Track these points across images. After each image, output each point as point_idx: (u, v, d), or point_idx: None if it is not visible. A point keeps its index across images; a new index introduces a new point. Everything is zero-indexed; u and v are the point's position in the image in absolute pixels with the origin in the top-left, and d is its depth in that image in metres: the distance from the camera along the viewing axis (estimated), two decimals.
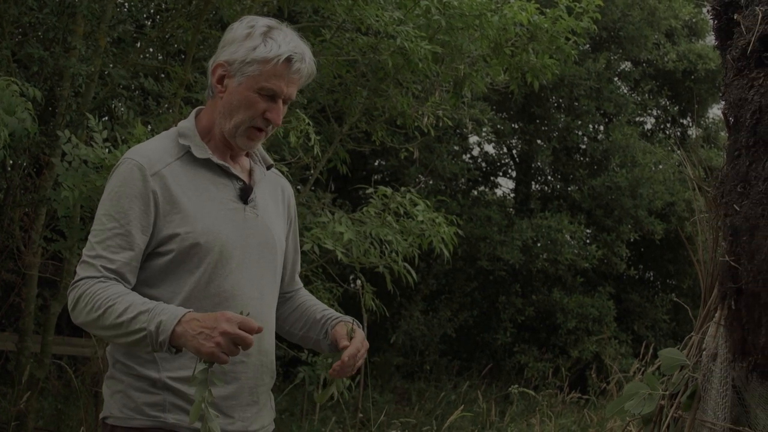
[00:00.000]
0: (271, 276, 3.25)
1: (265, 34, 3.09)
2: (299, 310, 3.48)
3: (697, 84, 18.73)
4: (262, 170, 3.33)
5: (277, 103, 3.11)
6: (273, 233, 3.25)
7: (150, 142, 3.20)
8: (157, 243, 3.02)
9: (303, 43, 3.17)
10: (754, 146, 3.68)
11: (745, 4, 3.95)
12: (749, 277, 3.60)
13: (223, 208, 3.11)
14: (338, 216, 8.66)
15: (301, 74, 3.12)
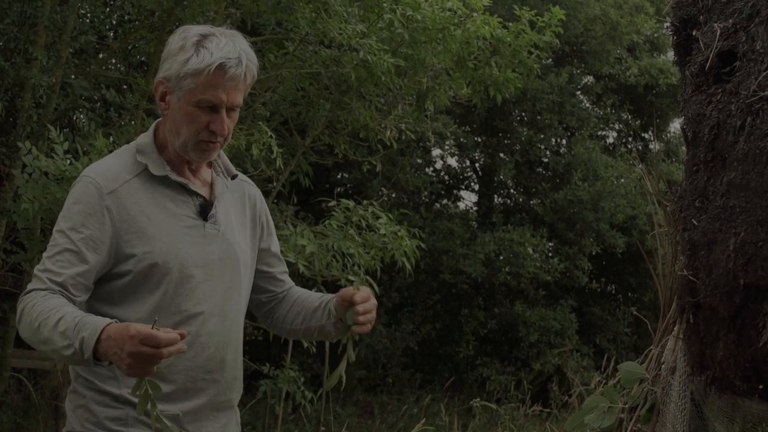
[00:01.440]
0: (236, 292, 3.19)
1: (197, 43, 2.99)
2: (296, 305, 3.43)
3: (659, 98, 18.86)
4: (224, 182, 3.26)
5: (219, 113, 3.02)
6: (236, 247, 3.19)
7: (108, 159, 3.15)
8: (116, 263, 2.97)
9: (241, 45, 3.04)
10: (712, 161, 3.71)
11: (704, 21, 3.99)
12: (707, 291, 3.63)
13: (182, 225, 3.06)
14: (300, 229, 8.64)
15: (237, 80, 3.01)
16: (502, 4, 14.63)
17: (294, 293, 3.49)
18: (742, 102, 3.60)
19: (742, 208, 3.51)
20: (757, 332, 3.50)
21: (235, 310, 3.20)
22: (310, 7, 9.01)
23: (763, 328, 3.47)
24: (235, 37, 3.07)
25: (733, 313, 3.56)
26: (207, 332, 3.05)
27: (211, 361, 3.08)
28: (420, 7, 9.12)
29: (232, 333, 3.18)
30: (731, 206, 3.56)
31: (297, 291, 3.51)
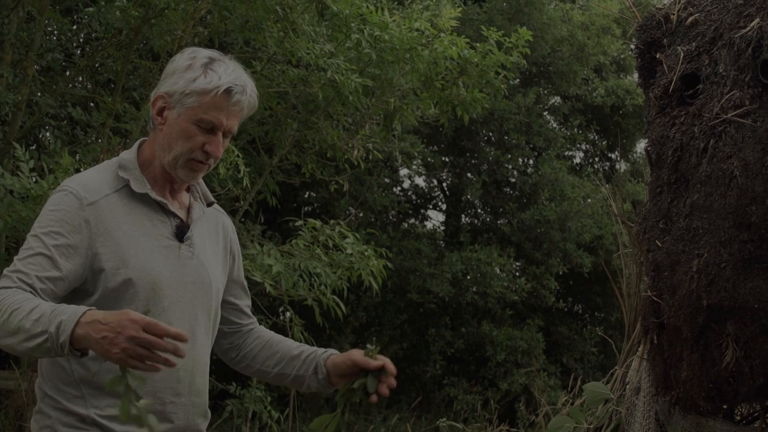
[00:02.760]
0: (205, 315, 3.19)
1: (206, 65, 3.05)
2: (268, 347, 3.42)
3: (625, 119, 18.99)
4: (201, 207, 3.28)
5: (216, 135, 3.06)
6: (209, 272, 3.20)
7: (90, 172, 3.15)
8: (89, 276, 2.96)
9: (245, 76, 3.11)
10: (675, 183, 3.74)
11: (668, 44, 4.03)
12: (671, 312, 3.65)
13: (157, 244, 3.06)
14: (267, 248, 8.63)
15: (241, 106, 3.07)
16: (469, 24, 14.71)
17: (264, 333, 3.49)
18: (705, 124, 3.63)
19: (705, 229, 3.54)
20: (720, 352, 3.53)
21: (204, 334, 3.20)
22: (278, 27, 9.02)
23: (726, 349, 3.49)
24: (239, 67, 3.14)
25: (696, 333, 3.58)
26: None
27: (179, 384, 3.07)
28: (388, 27, 9.15)
29: (201, 357, 3.17)
30: (694, 228, 3.59)
31: (267, 332, 3.51)
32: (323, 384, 3.29)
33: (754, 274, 3.40)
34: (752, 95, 3.53)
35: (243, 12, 8.91)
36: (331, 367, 3.26)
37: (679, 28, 4.04)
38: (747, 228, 3.41)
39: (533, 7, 16.95)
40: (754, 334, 3.42)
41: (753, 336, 3.42)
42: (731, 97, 3.57)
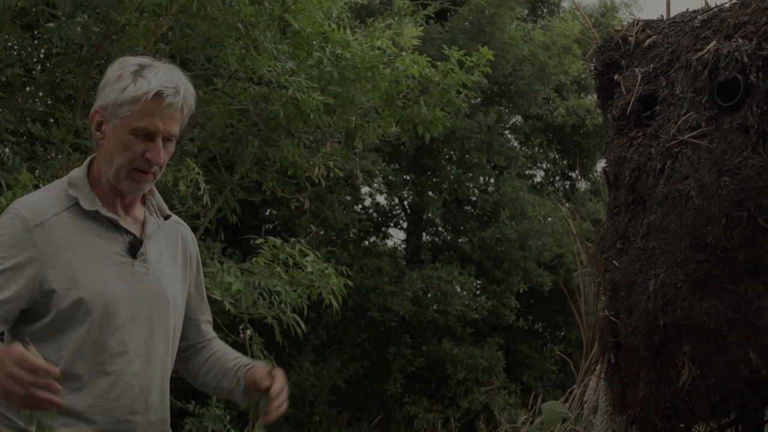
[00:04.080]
0: (163, 332, 3.14)
1: (135, 73, 2.99)
2: (211, 360, 3.38)
3: (586, 138, 19.13)
4: (157, 221, 3.22)
5: (155, 142, 3.00)
6: (165, 288, 3.14)
7: (39, 192, 3.11)
8: (39, 297, 2.91)
9: (179, 78, 3.05)
10: (632, 203, 3.77)
11: (626, 65, 4.07)
12: (628, 331, 3.67)
13: (109, 262, 3.01)
14: (227, 266, 8.60)
15: (174, 108, 3.01)
16: (431, 43, 14.77)
17: (212, 347, 3.45)
18: (662, 145, 3.67)
19: (661, 249, 3.57)
20: (676, 372, 3.55)
21: (162, 350, 3.15)
22: (239, 44, 9.02)
23: (682, 368, 3.52)
24: (173, 69, 3.08)
25: (653, 353, 3.60)
26: (131, 372, 3.00)
27: (135, 402, 3.02)
28: (349, 45, 9.17)
29: (158, 374, 3.12)
30: (651, 248, 3.62)
31: (216, 345, 3.47)
32: (244, 397, 3.24)
33: (710, 294, 3.43)
34: (708, 117, 3.57)
35: (205, 29, 8.90)
36: (249, 380, 3.21)
37: (637, 50, 4.08)
38: (703, 248, 3.44)
39: (495, 26, 17.04)
40: (710, 353, 3.44)
41: (709, 355, 3.45)
42: (688, 118, 3.61)
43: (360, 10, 13.22)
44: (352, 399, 17.72)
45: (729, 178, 3.40)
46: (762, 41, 3.53)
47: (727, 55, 3.56)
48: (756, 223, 3.35)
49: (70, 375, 2.89)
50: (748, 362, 3.36)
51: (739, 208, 3.37)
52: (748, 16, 3.65)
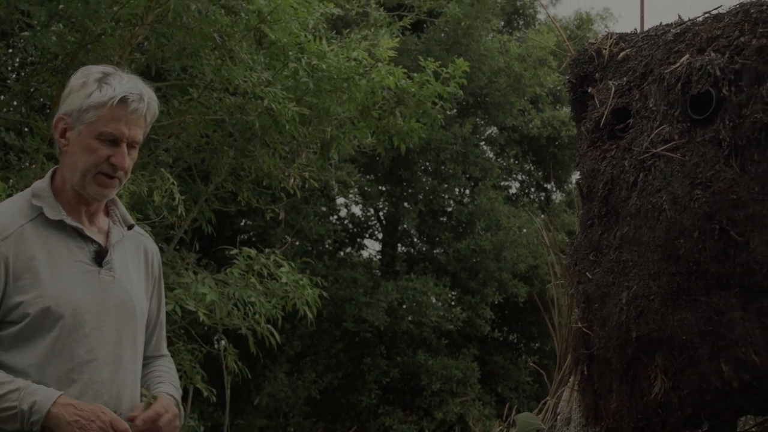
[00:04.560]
0: (131, 340, 3.14)
1: (100, 80, 3.02)
2: (145, 378, 3.35)
3: (561, 150, 19.17)
4: (121, 231, 3.22)
5: (120, 147, 3.02)
6: (132, 296, 3.14)
7: (3, 205, 3.10)
8: (8, 309, 2.91)
9: (142, 85, 3.09)
10: (605, 216, 3.78)
11: (600, 78, 4.09)
12: (601, 343, 3.69)
13: (76, 271, 3.01)
14: (202, 277, 8.58)
15: (139, 114, 3.04)
16: (407, 54, 14.77)
17: (155, 366, 3.42)
18: (635, 158, 3.69)
19: (634, 262, 3.59)
20: (649, 384, 3.57)
21: (131, 359, 3.14)
22: (215, 54, 9.00)
23: (654, 380, 3.53)
24: (136, 78, 3.10)
25: (625, 365, 3.62)
26: (100, 380, 3.00)
27: None
28: (325, 56, 9.17)
29: (127, 382, 3.12)
30: (624, 260, 3.64)
31: (159, 365, 3.43)
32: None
33: (682, 306, 3.45)
34: (681, 130, 3.60)
35: (180, 39, 8.88)
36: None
37: (611, 63, 4.10)
38: (675, 261, 3.46)
39: (471, 38, 17.07)
40: (683, 365, 3.46)
41: (681, 367, 3.46)
42: (661, 131, 3.63)
43: (336, 21, 13.23)
44: (327, 410, 17.67)
45: (701, 191, 3.42)
46: (734, 55, 3.56)
47: (700, 68, 3.59)
48: (728, 235, 3.37)
49: (40, 384, 2.88)
50: (720, 374, 3.38)
51: (712, 220, 3.39)
52: (721, 30, 3.68)
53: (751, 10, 3.67)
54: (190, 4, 8.37)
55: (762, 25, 3.59)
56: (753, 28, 3.60)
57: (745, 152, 3.45)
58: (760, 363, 3.35)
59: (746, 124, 3.48)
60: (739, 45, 3.59)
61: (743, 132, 3.47)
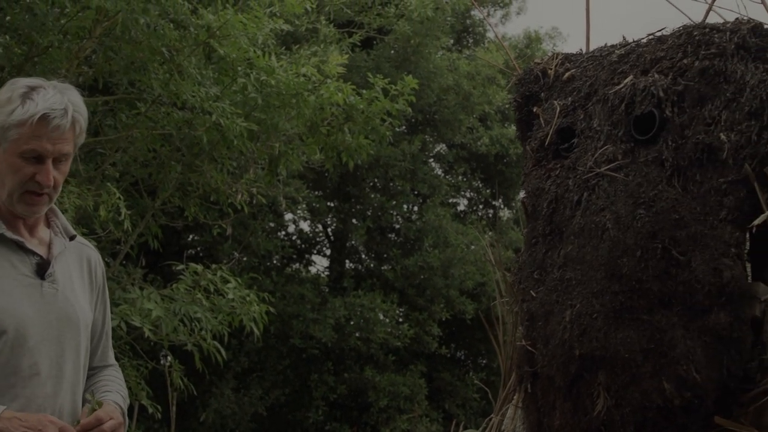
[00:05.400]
0: (74, 352, 3.09)
1: (24, 95, 2.95)
2: (90, 389, 3.27)
3: (509, 167, 19.29)
4: (63, 242, 3.17)
5: (45, 164, 2.96)
6: (75, 308, 3.10)
7: None
8: None
9: (68, 98, 2.99)
10: (550, 234, 3.81)
11: (545, 98, 4.12)
12: (544, 361, 3.71)
13: (18, 284, 2.97)
14: (147, 292, 8.51)
15: (62, 130, 2.96)
16: (356, 71, 14.80)
17: (101, 375, 3.37)
18: (579, 177, 3.72)
19: (578, 280, 3.62)
20: (591, 401, 3.59)
21: (73, 371, 3.10)
22: (163, 69, 8.95)
23: (597, 398, 3.56)
24: (65, 89, 3.02)
25: (568, 382, 3.64)
26: (43, 395, 2.96)
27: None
28: (274, 72, 9.16)
29: (69, 395, 3.08)
30: (568, 278, 3.67)
31: (105, 375, 3.39)
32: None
33: (624, 324, 3.48)
34: (625, 150, 3.64)
35: (128, 53, 8.82)
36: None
37: (557, 83, 4.14)
38: (618, 279, 3.49)
39: (420, 55, 17.13)
40: (625, 383, 3.49)
41: (623, 385, 3.49)
42: (605, 151, 3.67)
43: (286, 37, 13.22)
44: (274, 427, 17.60)
45: (644, 211, 3.47)
46: (677, 76, 3.61)
47: (644, 89, 3.64)
48: (670, 254, 3.41)
49: None
50: (662, 392, 3.42)
51: (654, 240, 3.44)
52: (664, 51, 3.74)
53: (694, 32, 3.73)
54: (138, 18, 8.31)
55: (705, 47, 3.65)
56: (696, 50, 3.66)
57: (688, 172, 3.51)
58: (701, 381, 3.39)
59: (688, 144, 3.53)
60: (682, 67, 3.65)
61: (686, 153, 3.52)
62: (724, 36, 3.65)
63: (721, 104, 3.55)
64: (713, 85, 3.59)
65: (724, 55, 3.61)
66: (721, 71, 3.59)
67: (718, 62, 3.60)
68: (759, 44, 3.62)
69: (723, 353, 3.42)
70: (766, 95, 3.43)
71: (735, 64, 3.59)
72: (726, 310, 3.42)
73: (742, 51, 3.62)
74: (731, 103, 3.54)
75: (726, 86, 3.57)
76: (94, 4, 7.95)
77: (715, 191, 3.48)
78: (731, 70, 3.58)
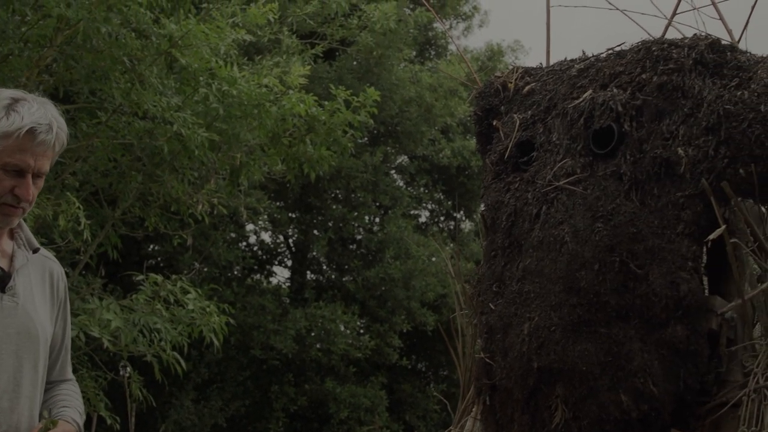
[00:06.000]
0: (32, 367, 3.05)
1: (8, 107, 2.91)
2: (47, 404, 3.24)
3: (470, 179, 19.32)
4: (25, 254, 3.14)
5: (25, 178, 2.94)
6: (35, 322, 3.06)
7: None
8: None
9: (52, 114, 2.97)
10: (509, 247, 3.83)
11: (505, 111, 4.14)
12: (503, 373, 3.72)
13: None
14: (107, 303, 8.46)
15: (47, 146, 2.94)
16: (318, 82, 14.80)
17: (58, 390, 3.33)
18: (538, 191, 3.75)
19: (536, 293, 3.64)
20: (549, 414, 3.61)
21: (30, 386, 3.06)
22: (125, 78, 8.92)
23: (555, 410, 3.58)
24: (46, 104, 2.99)
25: (527, 395, 3.66)
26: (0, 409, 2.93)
27: None
28: (236, 82, 9.15)
29: (26, 410, 3.04)
30: (526, 291, 3.68)
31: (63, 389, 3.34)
32: None
33: (582, 337, 3.50)
34: (583, 164, 3.67)
35: (90, 62, 8.78)
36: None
37: (516, 97, 4.16)
38: (576, 293, 3.51)
39: (382, 67, 17.16)
40: (583, 395, 3.51)
41: (581, 397, 3.51)
42: (563, 165, 3.69)
43: (248, 48, 13.20)
44: None
45: (602, 224, 3.49)
46: (636, 91, 3.64)
47: (603, 103, 3.67)
48: (628, 268, 3.44)
49: None
50: (619, 404, 3.44)
51: (612, 253, 3.46)
52: (623, 66, 3.77)
53: (653, 48, 3.77)
54: (100, 27, 8.28)
55: (663, 62, 3.68)
56: (654, 65, 3.70)
57: (645, 186, 3.54)
58: (658, 393, 3.41)
59: (646, 159, 3.56)
60: (640, 81, 3.68)
61: (643, 167, 3.55)
62: (682, 52, 3.69)
63: (679, 119, 3.59)
64: (671, 100, 3.62)
65: (682, 71, 3.64)
66: (679, 86, 3.62)
67: (676, 77, 3.64)
68: (716, 60, 3.66)
69: (680, 366, 3.45)
70: (723, 110, 3.47)
71: (693, 80, 3.62)
72: (683, 323, 3.45)
73: (700, 66, 3.65)
74: (689, 118, 3.57)
75: (684, 101, 3.60)
76: (55, 12, 7.91)
77: (673, 205, 3.51)
78: (689, 85, 3.61)
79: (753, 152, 3.39)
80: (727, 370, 3.65)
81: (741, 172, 3.42)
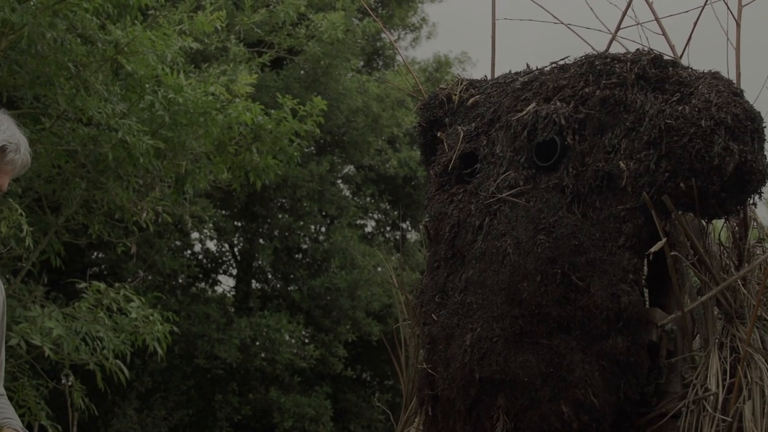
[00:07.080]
0: None
1: None
2: None
3: (417, 190, 19.37)
4: None
5: None
6: None
7: None
8: None
9: (20, 133, 2.97)
10: (452, 258, 3.85)
11: (449, 123, 4.17)
12: (445, 384, 3.74)
13: None
14: (49, 310, 8.38)
15: (14, 165, 2.93)
16: (265, 91, 14.78)
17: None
18: (482, 202, 3.77)
19: (478, 304, 3.66)
20: (491, 425, 3.63)
21: None
22: (69, 84, 8.85)
23: (497, 421, 3.60)
24: (11, 121, 2.98)
25: (468, 405, 3.67)
26: None
27: None
28: (182, 90, 9.12)
29: None
30: (469, 302, 3.70)
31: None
32: None
33: (524, 348, 3.53)
34: (526, 176, 3.70)
35: (34, 67, 8.71)
36: None
37: (461, 109, 4.19)
38: (518, 304, 3.54)
39: (330, 77, 17.15)
40: (524, 406, 3.53)
41: (523, 408, 3.54)
42: (507, 177, 3.72)
43: (195, 55, 13.15)
44: None
45: (544, 236, 3.52)
46: (579, 105, 3.68)
47: (546, 117, 3.70)
48: (569, 280, 3.47)
49: None
50: (560, 415, 3.46)
51: (554, 265, 3.49)
52: (567, 80, 3.81)
53: (596, 62, 3.81)
54: (45, 32, 8.23)
55: (606, 76, 3.72)
56: (597, 79, 3.74)
57: (587, 199, 3.57)
58: (598, 404, 3.44)
59: (589, 172, 3.59)
60: (583, 95, 3.72)
61: (586, 180, 3.58)
62: (625, 66, 3.72)
63: (621, 133, 3.63)
64: (613, 114, 3.66)
65: (625, 85, 3.68)
66: (621, 100, 3.66)
67: (619, 92, 3.67)
68: (658, 75, 3.70)
69: (620, 377, 3.48)
70: (664, 125, 3.51)
71: (635, 94, 3.66)
72: (623, 335, 3.48)
73: (642, 81, 3.69)
74: (630, 132, 3.61)
75: (626, 115, 3.64)
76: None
77: (614, 218, 3.54)
78: (631, 99, 3.65)
79: (693, 166, 3.43)
80: (666, 382, 3.69)
81: (682, 185, 3.45)
